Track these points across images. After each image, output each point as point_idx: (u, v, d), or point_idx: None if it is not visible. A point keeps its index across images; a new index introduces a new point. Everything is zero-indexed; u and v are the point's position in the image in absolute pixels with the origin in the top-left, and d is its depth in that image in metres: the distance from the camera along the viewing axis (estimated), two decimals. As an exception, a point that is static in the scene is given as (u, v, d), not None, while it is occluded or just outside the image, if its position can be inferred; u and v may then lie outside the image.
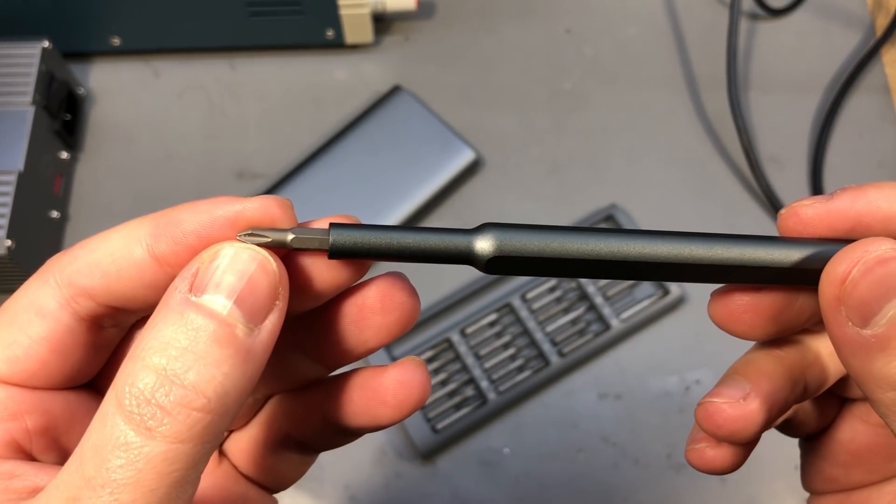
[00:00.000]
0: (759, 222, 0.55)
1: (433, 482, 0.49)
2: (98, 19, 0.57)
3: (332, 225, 0.19)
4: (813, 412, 0.24)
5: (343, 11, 0.57)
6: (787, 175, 0.57)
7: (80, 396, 0.21)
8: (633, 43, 0.62)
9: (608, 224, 0.54)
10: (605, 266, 0.19)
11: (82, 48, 0.60)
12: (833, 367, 0.23)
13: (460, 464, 0.49)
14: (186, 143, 0.58)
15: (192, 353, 0.16)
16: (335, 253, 0.19)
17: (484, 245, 0.19)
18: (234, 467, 0.24)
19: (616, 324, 0.51)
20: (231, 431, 0.24)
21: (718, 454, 0.23)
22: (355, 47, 0.61)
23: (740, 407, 0.22)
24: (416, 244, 0.19)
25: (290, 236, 0.18)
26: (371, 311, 0.20)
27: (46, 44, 0.53)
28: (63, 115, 0.54)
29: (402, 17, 0.62)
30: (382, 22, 0.62)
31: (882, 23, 0.63)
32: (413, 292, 0.20)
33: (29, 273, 0.51)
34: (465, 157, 0.55)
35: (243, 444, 0.24)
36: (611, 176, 0.57)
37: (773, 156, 0.58)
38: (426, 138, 0.56)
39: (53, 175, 0.54)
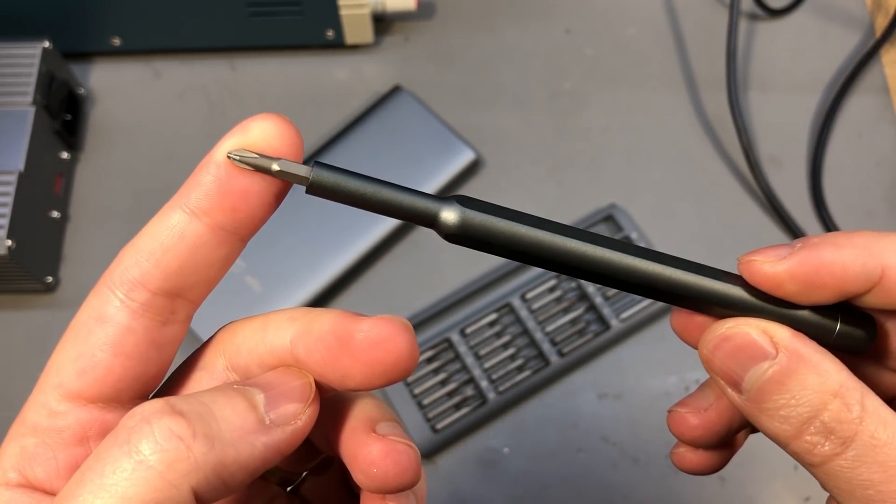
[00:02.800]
0: (757, 222, 0.55)
1: (433, 482, 0.49)
2: (98, 19, 0.57)
3: (315, 162, 0.20)
4: None
5: (343, 12, 0.57)
6: (787, 175, 0.57)
7: None
8: (632, 43, 0.62)
9: (608, 224, 0.54)
10: (559, 264, 0.21)
11: (83, 48, 0.60)
12: None
13: (460, 463, 0.49)
14: (187, 144, 0.58)
15: (203, 405, 0.18)
16: (313, 188, 0.20)
17: (449, 216, 0.20)
18: None
19: (616, 324, 0.51)
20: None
21: (697, 457, 0.25)
22: (355, 47, 0.61)
23: (700, 416, 0.24)
24: (388, 197, 0.20)
25: (275, 164, 0.19)
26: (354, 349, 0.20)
27: (47, 44, 0.53)
28: (63, 115, 0.54)
29: (402, 17, 0.62)
30: (382, 22, 0.62)
31: (881, 23, 0.63)
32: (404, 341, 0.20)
33: (29, 273, 0.51)
34: (465, 158, 0.55)
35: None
36: (610, 176, 0.57)
37: (773, 156, 0.58)
38: (426, 138, 0.56)
39: (54, 175, 0.54)
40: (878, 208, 0.56)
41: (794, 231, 0.55)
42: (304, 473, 0.26)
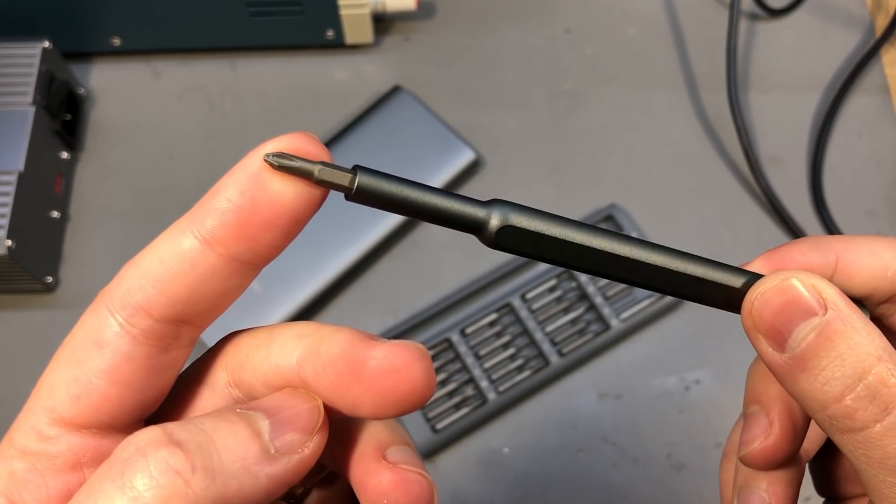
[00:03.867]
0: (758, 222, 0.55)
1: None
2: (98, 19, 0.57)
3: (357, 167, 0.19)
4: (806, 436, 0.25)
5: (343, 12, 0.57)
6: (787, 175, 0.57)
7: None
8: (632, 43, 0.62)
9: (608, 223, 0.54)
10: (602, 263, 0.20)
11: (83, 48, 0.60)
12: None
13: (460, 463, 0.49)
14: (187, 144, 0.58)
15: (204, 434, 0.17)
16: (357, 194, 0.19)
17: (496, 221, 0.19)
18: None
19: (616, 324, 0.51)
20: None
21: (773, 486, 0.24)
22: (355, 47, 0.61)
23: (771, 439, 0.23)
24: (432, 203, 0.19)
25: (317, 168, 0.18)
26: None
27: (47, 44, 0.53)
28: (63, 115, 0.54)
29: (402, 17, 0.62)
30: (382, 22, 0.62)
31: (882, 23, 0.63)
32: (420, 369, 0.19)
33: (29, 273, 0.51)
34: (465, 158, 0.55)
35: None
36: (610, 176, 0.57)
37: (773, 156, 0.58)
38: (426, 138, 0.56)
39: (54, 175, 0.54)
40: (879, 208, 0.56)
41: (794, 231, 0.55)
42: (309, 487, 0.24)
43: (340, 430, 0.20)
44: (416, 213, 0.19)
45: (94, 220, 0.56)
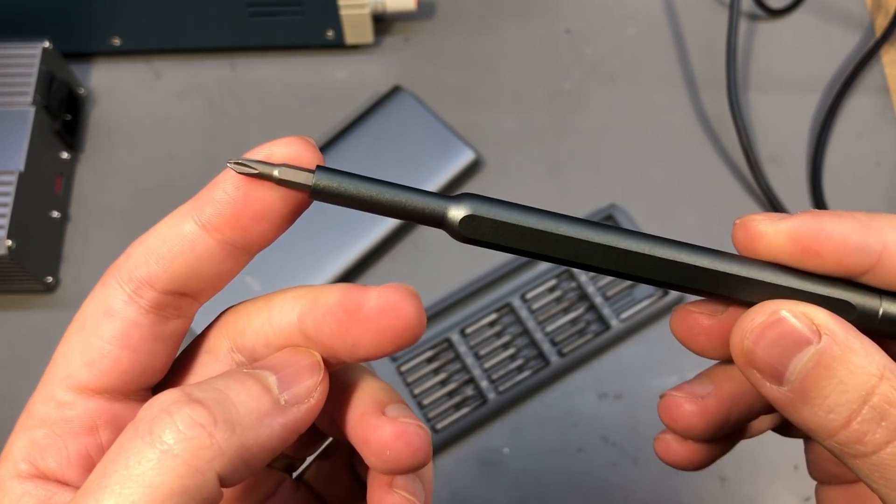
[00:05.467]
0: (758, 222, 0.55)
1: (433, 481, 0.49)
2: (99, 20, 0.57)
3: (318, 167, 0.19)
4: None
5: (343, 12, 0.57)
6: (787, 175, 0.57)
7: None
8: (632, 43, 0.62)
9: (608, 223, 0.54)
10: (573, 251, 0.20)
11: (83, 48, 0.60)
12: None
13: (460, 463, 0.49)
14: (187, 144, 0.58)
15: (220, 392, 0.18)
16: (316, 193, 0.20)
17: (457, 214, 0.20)
18: (313, 492, 0.26)
19: (616, 324, 0.51)
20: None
21: (683, 448, 0.24)
22: (355, 48, 0.61)
23: (697, 403, 0.22)
24: (394, 199, 0.20)
25: (276, 171, 0.19)
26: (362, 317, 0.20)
27: (47, 44, 0.53)
28: (63, 115, 0.55)
29: (402, 17, 0.62)
30: (382, 22, 0.62)
31: (881, 23, 0.63)
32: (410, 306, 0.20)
33: (29, 273, 0.51)
34: (465, 158, 0.55)
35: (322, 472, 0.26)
36: (610, 176, 0.57)
37: (773, 156, 0.58)
38: (426, 138, 0.56)
39: (54, 175, 0.54)
40: (878, 208, 0.56)
41: (794, 231, 0.55)
42: (310, 459, 0.26)
43: (340, 393, 0.21)
44: (380, 210, 0.20)
45: (94, 220, 0.56)
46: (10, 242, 0.47)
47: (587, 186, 0.56)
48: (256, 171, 0.19)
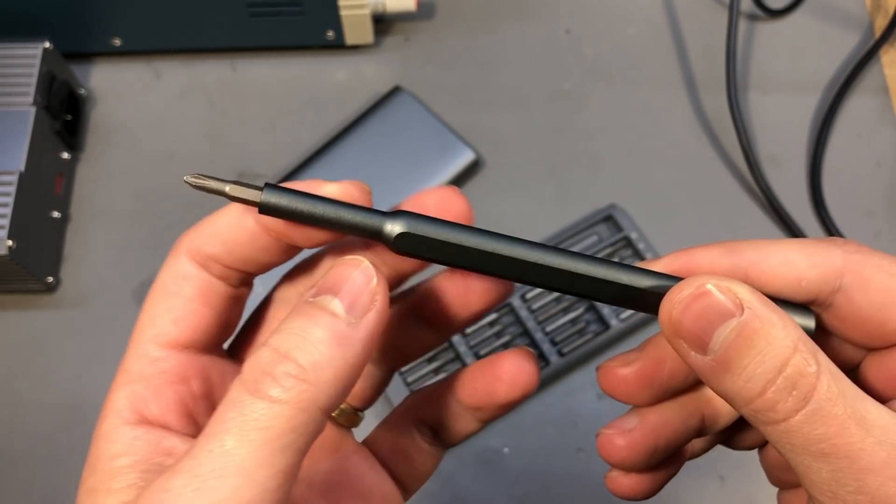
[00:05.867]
0: (757, 222, 0.56)
1: (433, 481, 0.49)
2: (99, 20, 0.57)
3: (266, 185, 0.21)
4: (748, 428, 0.27)
5: (343, 12, 0.57)
6: (786, 175, 0.57)
7: (229, 366, 0.25)
8: (632, 44, 0.62)
9: (608, 224, 0.55)
10: (502, 266, 0.22)
11: (83, 49, 0.60)
12: (726, 406, 0.25)
13: (460, 463, 0.49)
14: (187, 144, 0.58)
15: (299, 336, 0.20)
16: (264, 209, 0.21)
17: (393, 229, 0.22)
18: (373, 457, 0.27)
19: (615, 323, 0.51)
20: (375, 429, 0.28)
21: (629, 481, 0.26)
22: (356, 48, 0.61)
23: (627, 437, 0.25)
24: (336, 216, 0.21)
25: (227, 187, 0.21)
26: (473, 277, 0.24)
27: (48, 44, 0.53)
28: (64, 115, 0.55)
29: (402, 17, 0.63)
30: (382, 23, 0.62)
31: (881, 23, 0.63)
32: None
33: (31, 272, 0.51)
34: (465, 158, 0.56)
35: (383, 431, 0.28)
36: (610, 176, 0.57)
37: (772, 156, 0.58)
38: (426, 139, 0.56)
39: (54, 175, 0.54)
40: (878, 208, 0.56)
41: (793, 231, 0.55)
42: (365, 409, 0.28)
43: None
44: (323, 224, 0.21)
45: (94, 220, 0.56)
46: (10, 242, 0.47)
47: (587, 187, 0.57)
48: (210, 186, 0.21)
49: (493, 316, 0.52)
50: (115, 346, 0.56)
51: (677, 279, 0.22)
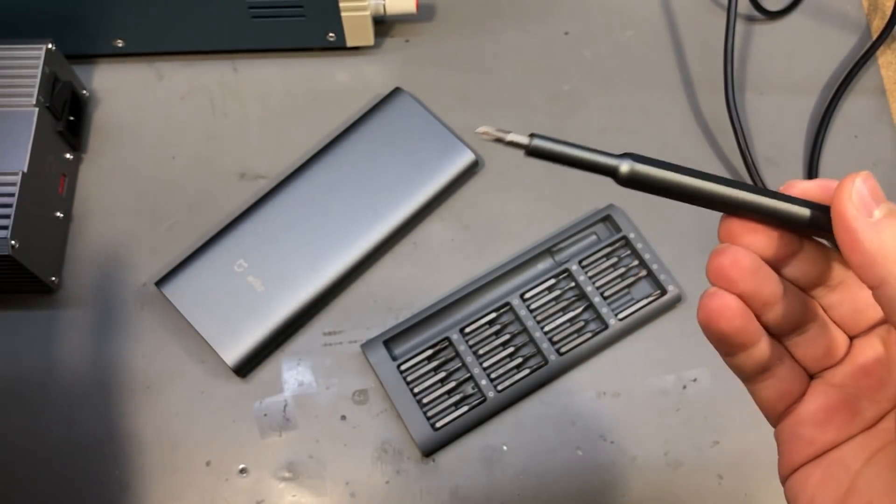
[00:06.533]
0: (755, 223, 0.56)
1: (433, 479, 0.49)
2: (102, 22, 0.58)
3: (532, 134, 0.26)
4: (784, 386, 0.29)
5: (344, 14, 0.58)
6: (784, 175, 0.58)
7: None
8: (630, 45, 0.63)
9: (606, 224, 0.55)
10: (706, 200, 0.29)
11: (86, 50, 0.60)
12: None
13: (460, 461, 0.50)
14: (189, 144, 0.59)
15: None
16: (531, 152, 0.26)
17: (624, 168, 0.27)
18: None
19: (614, 323, 0.52)
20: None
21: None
22: (356, 49, 0.62)
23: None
24: (580, 157, 0.26)
25: (507, 136, 0.26)
26: None
27: (50, 46, 0.54)
28: (67, 116, 0.55)
29: (402, 19, 0.63)
30: (383, 24, 0.63)
31: (878, 25, 0.64)
32: None
33: (34, 272, 0.51)
34: (465, 159, 0.56)
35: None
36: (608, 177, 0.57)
37: (770, 156, 0.58)
38: (426, 139, 0.56)
39: (57, 176, 0.55)
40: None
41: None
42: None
43: None
44: (573, 164, 0.26)
45: (97, 220, 0.56)
46: (14, 242, 0.48)
47: (585, 187, 0.57)
48: (495, 135, 0.26)
49: (492, 315, 0.52)
50: (117, 346, 0.57)
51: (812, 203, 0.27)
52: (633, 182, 0.27)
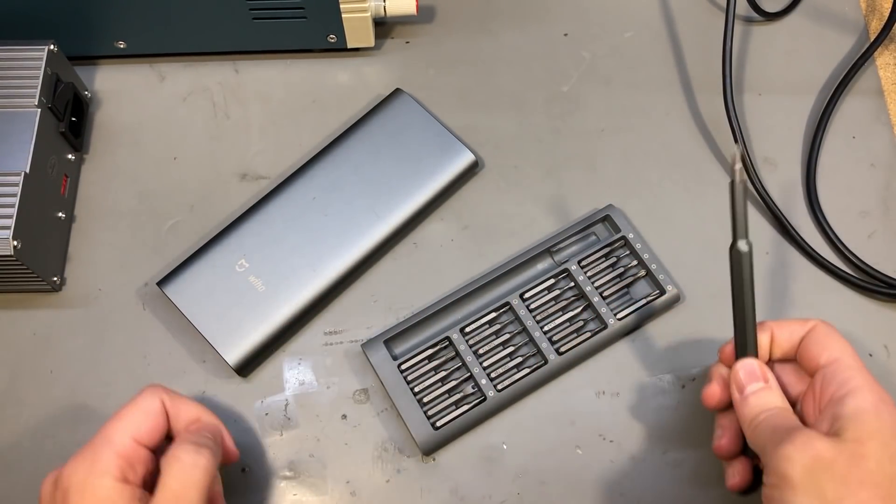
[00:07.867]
0: (753, 223, 0.56)
1: (433, 478, 0.50)
2: (104, 23, 0.58)
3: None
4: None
5: (345, 16, 0.58)
6: (782, 176, 0.58)
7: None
8: (629, 46, 0.63)
9: (605, 224, 0.55)
10: None
11: (88, 51, 0.60)
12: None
13: (460, 460, 0.50)
14: (191, 146, 0.59)
15: (204, 436, 0.43)
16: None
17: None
18: None
19: (613, 322, 0.52)
20: None
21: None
22: (357, 51, 0.62)
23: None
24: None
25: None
26: None
27: (53, 47, 0.54)
28: (69, 117, 0.55)
29: (402, 21, 0.63)
30: (383, 26, 0.63)
31: (876, 26, 0.64)
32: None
33: (36, 272, 0.51)
34: (464, 160, 0.56)
35: None
36: (607, 177, 0.58)
37: (768, 157, 0.59)
38: (426, 140, 0.56)
39: (59, 176, 0.55)
40: (872, 209, 0.57)
41: (788, 231, 0.55)
42: None
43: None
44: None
45: (99, 220, 0.56)
46: (16, 242, 0.48)
47: (584, 188, 0.57)
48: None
49: (491, 315, 0.52)
50: (119, 345, 0.57)
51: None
52: None
